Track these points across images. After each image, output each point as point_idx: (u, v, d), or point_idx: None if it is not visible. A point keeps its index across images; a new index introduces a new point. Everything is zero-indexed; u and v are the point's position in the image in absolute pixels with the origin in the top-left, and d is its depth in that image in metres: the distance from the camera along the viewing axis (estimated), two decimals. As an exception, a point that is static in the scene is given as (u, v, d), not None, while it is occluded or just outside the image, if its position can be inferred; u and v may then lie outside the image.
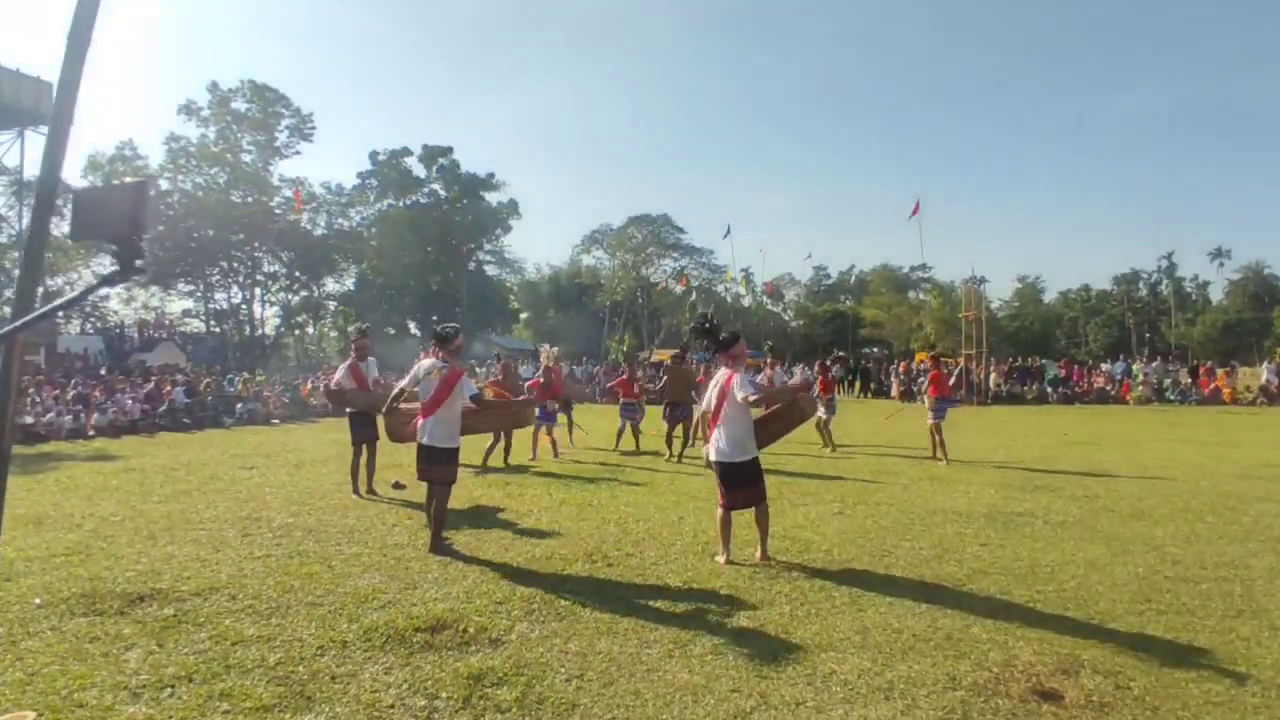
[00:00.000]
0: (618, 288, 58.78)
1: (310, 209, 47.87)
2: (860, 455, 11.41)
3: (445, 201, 52.43)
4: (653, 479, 9.15)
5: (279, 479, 9.25)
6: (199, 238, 42.51)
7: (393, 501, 7.65)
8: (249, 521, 6.67)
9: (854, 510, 7.20)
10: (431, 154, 51.64)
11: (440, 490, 5.67)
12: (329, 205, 49.37)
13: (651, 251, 59.88)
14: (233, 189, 44.27)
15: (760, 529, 5.37)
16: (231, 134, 44.14)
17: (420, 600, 4.48)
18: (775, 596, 4.58)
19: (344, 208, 50.20)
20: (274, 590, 4.65)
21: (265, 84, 44.28)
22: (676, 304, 59.89)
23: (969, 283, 28.63)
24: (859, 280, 69.31)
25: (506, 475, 9.28)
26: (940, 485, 8.62)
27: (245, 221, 42.57)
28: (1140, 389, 24.86)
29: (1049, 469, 9.93)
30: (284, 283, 49.39)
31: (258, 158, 45.23)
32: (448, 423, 5.69)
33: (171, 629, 4.02)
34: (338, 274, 51.25)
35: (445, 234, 51.05)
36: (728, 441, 5.22)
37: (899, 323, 52.46)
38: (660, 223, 59.19)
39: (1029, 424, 17.26)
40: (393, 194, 51.48)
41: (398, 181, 50.78)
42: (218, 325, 46.78)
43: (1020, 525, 6.53)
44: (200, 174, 43.81)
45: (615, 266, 60.81)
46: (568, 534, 6.22)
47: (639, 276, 59.60)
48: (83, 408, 16.31)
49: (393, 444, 7.84)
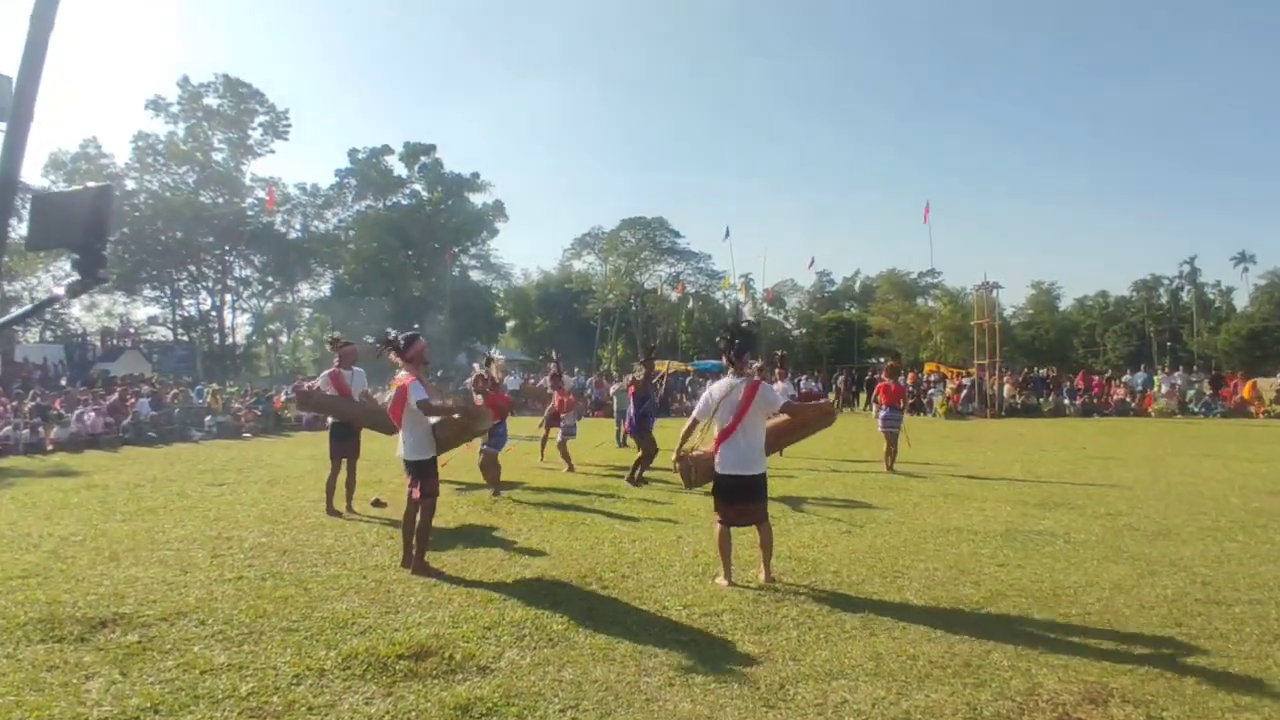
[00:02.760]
0: (610, 294, 58.83)
1: (284, 210, 47.93)
2: (868, 471, 11.40)
3: (428, 203, 52.52)
4: (649, 496, 9.12)
5: (251, 496, 9.19)
6: (166, 240, 42.48)
7: (373, 520, 7.60)
8: (219, 541, 6.62)
9: (863, 529, 7.18)
10: (413, 152, 51.77)
11: (422, 505, 5.64)
12: (304, 206, 49.44)
13: (646, 256, 59.98)
14: (203, 189, 44.29)
15: (763, 549, 5.34)
16: (202, 131, 44.20)
17: (403, 625, 4.44)
18: (781, 620, 4.55)
19: (320, 209, 50.26)
20: (246, 615, 4.60)
21: (239, 79, 44.36)
22: (672, 311, 60.04)
23: (981, 289, 28.64)
24: (865, 286, 69.57)
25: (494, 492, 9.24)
26: (954, 502, 8.62)
27: (216, 223, 42.60)
28: (1163, 400, 24.97)
29: (1068, 485, 9.93)
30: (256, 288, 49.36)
31: (230, 156, 45.29)
32: (415, 433, 5.72)
33: (136, 656, 3.97)
34: (313, 279, 51.26)
35: (428, 237, 51.11)
36: (744, 453, 5.22)
37: (907, 331, 52.61)
38: (655, 226, 59.39)
39: (1046, 437, 17.30)
40: (372, 194, 51.55)
41: (378, 181, 50.87)
42: (186, 333, 46.65)
43: (1040, 544, 6.52)
44: (168, 173, 43.85)
45: (607, 272, 60.90)
46: (560, 554, 6.19)
47: (633, 282, 59.68)
48: (41, 420, 16.20)
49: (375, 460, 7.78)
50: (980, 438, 17.40)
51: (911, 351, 52.40)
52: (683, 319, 60.18)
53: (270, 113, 45.43)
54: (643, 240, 59.44)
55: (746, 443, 5.23)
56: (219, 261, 45.96)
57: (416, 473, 5.70)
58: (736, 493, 5.25)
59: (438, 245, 50.67)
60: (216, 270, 46.33)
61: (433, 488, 5.75)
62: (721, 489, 5.31)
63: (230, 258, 46.15)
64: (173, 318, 46.89)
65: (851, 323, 59.88)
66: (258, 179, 46.24)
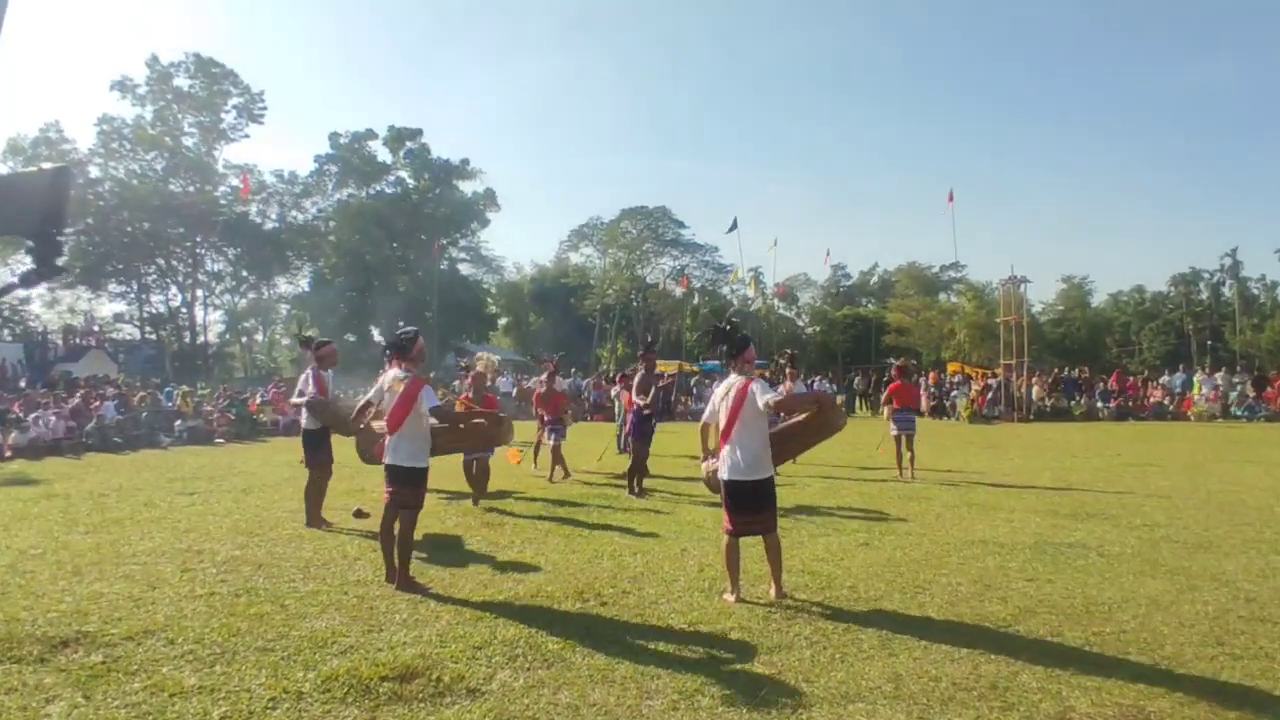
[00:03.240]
0: (609, 289, 58.93)
1: (260, 199, 48.00)
2: (886, 480, 11.40)
3: (414, 191, 52.59)
4: (651, 505, 9.14)
5: (224, 506, 9.19)
6: (133, 232, 42.52)
7: (354, 533, 7.60)
8: (189, 555, 6.62)
9: (881, 541, 7.18)
10: (399, 136, 51.84)
11: (404, 516, 5.65)
12: (281, 195, 49.52)
13: (648, 248, 60.07)
14: (172, 176, 44.36)
15: (772, 562, 5.35)
16: (171, 114, 44.27)
17: (387, 645, 4.44)
18: (794, 639, 4.55)
19: (298, 198, 50.34)
20: (218, 633, 4.60)
21: (211, 58, 44.41)
22: (676, 307, 60.06)
23: (1008, 283, 28.62)
24: (883, 281, 69.56)
25: (484, 501, 9.24)
26: (979, 513, 8.62)
27: (186, 213, 42.65)
28: (1203, 403, 24.96)
29: (1101, 494, 9.93)
30: (229, 283, 49.44)
31: (201, 141, 45.38)
32: (414, 439, 5.69)
33: (100, 678, 3.97)
34: (291, 273, 51.34)
35: (414, 228, 51.17)
36: (742, 457, 5.24)
37: (928, 329, 52.60)
38: (657, 216, 59.44)
39: (1077, 443, 17.30)
40: (354, 182, 51.62)
41: (360, 168, 50.94)
42: (154, 331, 46.71)
43: (1071, 557, 6.52)
44: (135, 159, 43.91)
45: (607, 265, 60.98)
46: (555, 568, 6.19)
47: (633, 277, 59.76)
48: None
49: (357, 468, 7.79)
50: (1007, 443, 17.40)
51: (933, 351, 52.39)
52: (687, 316, 60.18)
53: (244, 94, 45.54)
54: (644, 231, 59.52)
55: (744, 445, 5.24)
56: (189, 254, 46.03)
57: (411, 482, 5.68)
58: (744, 501, 5.27)
59: (425, 237, 50.75)
60: (187, 264, 46.42)
61: (420, 499, 5.76)
62: (729, 496, 5.32)
63: (201, 250, 46.22)
64: (140, 315, 46.98)
65: (868, 320, 59.86)
66: (231, 166, 46.39)
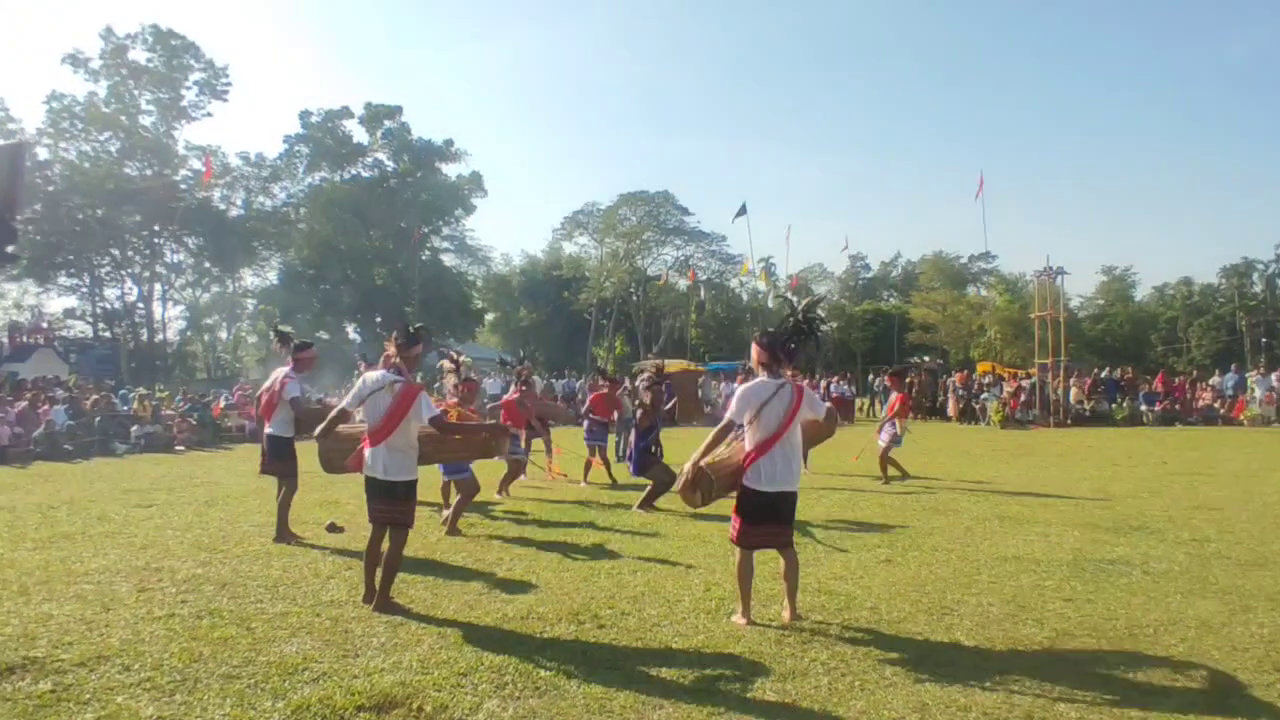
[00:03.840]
0: (606, 282, 58.96)
1: (224, 184, 48.02)
2: (909, 490, 11.40)
3: (393, 174, 52.65)
4: (653, 519, 9.14)
5: (185, 520, 9.19)
6: (85, 219, 42.49)
7: (327, 548, 7.60)
8: (147, 573, 6.61)
9: (905, 557, 7.19)
10: (376, 115, 51.89)
11: (395, 534, 5.63)
12: (247, 179, 49.55)
13: (649, 237, 60.13)
14: (128, 159, 44.35)
15: (788, 580, 5.35)
16: (127, 91, 44.26)
17: (363, 671, 4.43)
18: (810, 666, 4.55)
19: (266, 182, 50.38)
20: (178, 659, 4.59)
21: (171, 29, 44.42)
22: (680, 302, 60.11)
23: (1043, 275, 28.64)
24: (906, 272, 69.75)
25: (469, 515, 9.24)
26: (1012, 526, 8.63)
27: (143, 199, 42.61)
28: (1257, 406, 24.96)
29: (1146, 505, 9.94)
30: (190, 276, 49.46)
31: (159, 120, 45.38)
32: (404, 451, 5.64)
33: (49, 708, 3.96)
34: (257, 265, 51.38)
35: (392, 215, 51.21)
36: (787, 466, 5.29)
37: (956, 325, 52.72)
38: (659, 201, 59.53)
39: (1119, 450, 17.30)
40: (327, 165, 51.67)
41: (334, 149, 50.98)
42: (108, 328, 46.72)
43: (1113, 576, 6.53)
44: (88, 140, 43.89)
45: (604, 256, 61.04)
46: (547, 587, 6.19)
47: (633, 268, 59.81)
48: (-62, 431, 16.22)
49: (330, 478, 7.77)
50: (1042, 450, 17.41)
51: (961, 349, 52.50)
52: (692, 311, 60.27)
53: (207, 69, 45.58)
54: (645, 219, 59.57)
55: (791, 453, 5.32)
56: (146, 244, 46.05)
57: (403, 497, 5.64)
58: (771, 513, 5.27)
59: (404, 224, 50.81)
60: (144, 254, 46.42)
61: (411, 515, 5.72)
62: (754, 509, 5.28)
63: (160, 239, 46.23)
64: (93, 310, 47.03)
65: (890, 315, 59.99)
66: (192, 147, 46.38)
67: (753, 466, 5.26)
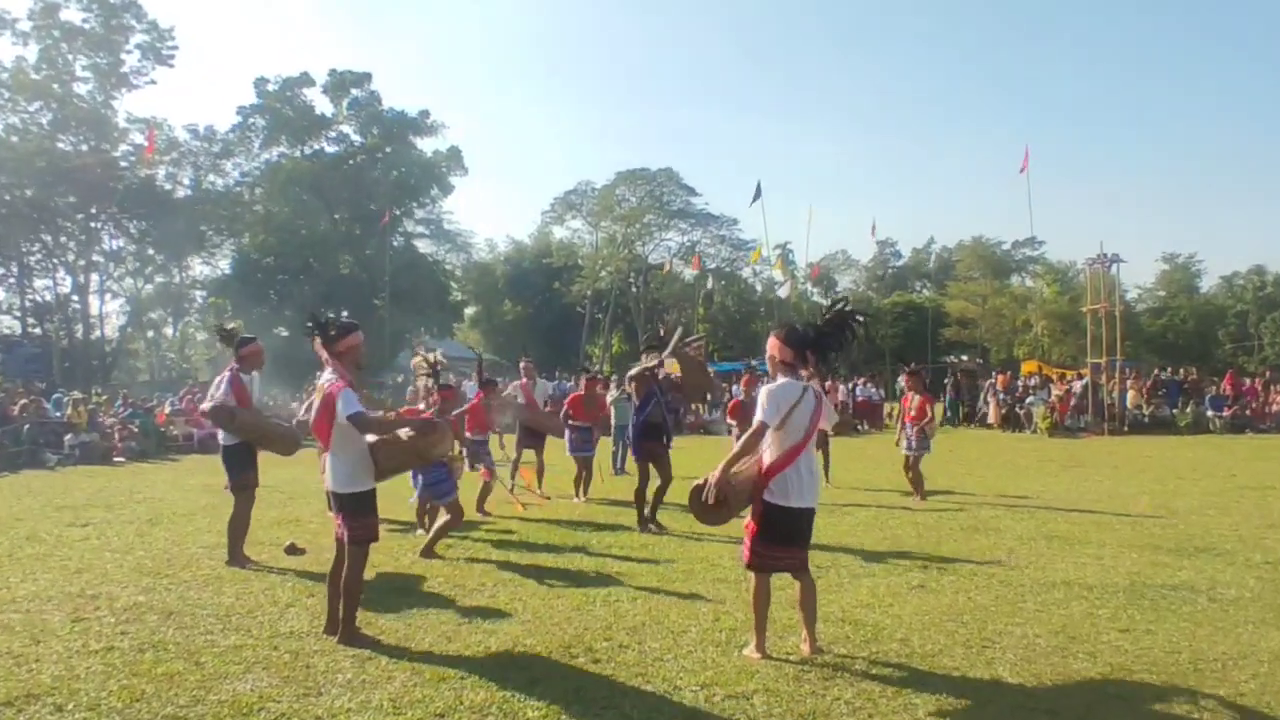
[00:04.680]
0: (603, 271, 58.99)
1: (169, 160, 47.93)
2: (945, 507, 11.40)
3: (361, 150, 52.63)
4: (655, 540, 9.14)
5: (125, 540, 9.19)
6: (12, 200, 42.44)
7: (286, 572, 7.60)
8: (82, 600, 6.61)
9: (939, 582, 7.19)
10: (341, 83, 51.88)
11: (351, 553, 5.63)
12: (196, 155, 49.45)
13: (650, 221, 60.21)
14: (61, 132, 44.29)
15: (806, 609, 5.35)
16: (60, 55, 44.20)
17: (327, 712, 4.43)
18: (832, 705, 4.55)
19: (217, 159, 50.33)
20: (118, 698, 4.59)
21: (109, -16, 44.29)
22: (686, 294, 60.11)
23: (1096, 264, 28.63)
24: (941, 260, 69.76)
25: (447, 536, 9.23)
26: (1060, 547, 8.64)
27: (78, 178, 42.50)
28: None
29: (1213, 524, 9.95)
30: (132, 264, 49.37)
31: (97, 88, 45.32)
32: (346, 458, 5.68)
33: (-29, 754, 3.97)
34: (208, 252, 51.30)
35: (360, 195, 51.19)
36: (813, 477, 5.33)
37: (997, 320, 52.79)
38: (662, 180, 59.61)
39: (1183, 461, 17.30)
40: (286, 139, 51.67)
41: (294, 122, 50.98)
42: (38, 324, 46.68)
43: (1175, 603, 6.52)
44: (15, 111, 43.84)
45: (599, 242, 61.08)
46: (536, 617, 6.18)
47: (632, 256, 59.84)
48: None
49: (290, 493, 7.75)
50: (1095, 461, 17.41)
51: (1003, 347, 52.52)
52: (700, 304, 60.27)
53: (150, 30, 45.49)
54: (646, 200, 59.64)
55: (813, 465, 5.36)
56: (82, 229, 45.95)
57: (352, 509, 5.66)
58: (795, 532, 5.26)
59: (374, 206, 50.73)
60: (79, 240, 46.34)
61: (368, 530, 5.73)
62: (777, 528, 5.23)
63: (97, 223, 46.16)
64: (21, 304, 46.98)
65: (923, 309, 60.01)
66: (134, 119, 46.33)
67: (777, 478, 5.15)
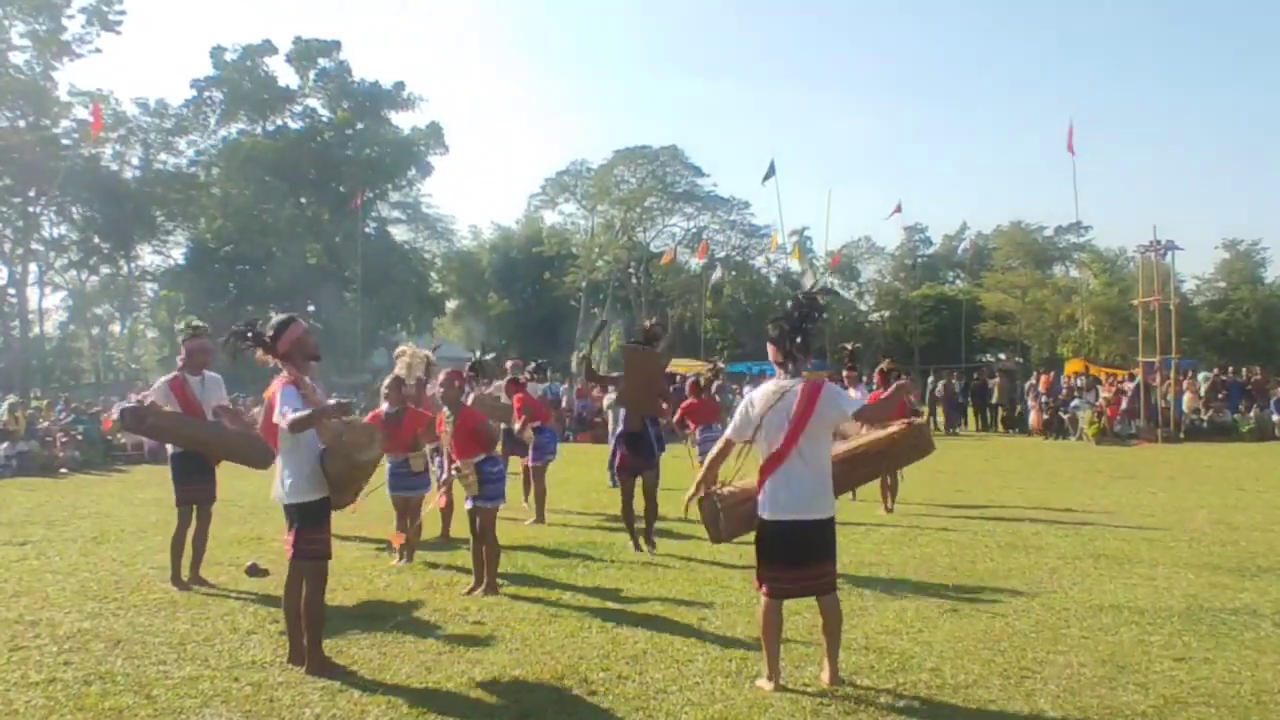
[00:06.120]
0: (599, 260, 58.91)
1: (117, 137, 47.95)
2: (982, 516, 11.40)
3: (329, 126, 52.63)
4: (657, 560, 9.15)
5: (68, 561, 9.20)
6: (-59, 183, 42.45)
7: (246, 596, 7.61)
8: (21, 627, 6.62)
9: (973, 606, 7.18)
10: (308, 51, 51.88)
11: (307, 570, 5.63)
12: (146, 132, 49.45)
13: (652, 204, 60.05)
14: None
15: (829, 635, 5.34)
16: (-7, 21, 44.17)
17: (293, 750, 4.44)
18: (854, 742, 4.55)
19: (169, 136, 50.33)
20: (61, 735, 4.59)
21: (48, -58, 44.28)
22: (692, 286, 60.01)
23: (1148, 251, 28.56)
24: (976, 248, 69.47)
25: (430, 553, 9.25)
26: (1109, 567, 8.63)
27: (14, 157, 42.55)
28: None
29: (1278, 541, 9.93)
30: (75, 254, 49.40)
31: (36, 58, 45.30)
32: (291, 465, 5.70)
33: (-102, 797, 3.97)
34: (159, 240, 51.29)
35: (328, 176, 51.21)
36: (803, 488, 5.22)
37: (1039, 314, 52.59)
38: (665, 159, 59.40)
39: (1245, 471, 17.27)
40: (246, 114, 51.68)
41: (254, 95, 50.97)
42: (-30, 320, 46.66)
43: (1235, 629, 6.52)
44: (-56, 84, 43.81)
45: (595, 228, 61.00)
46: (525, 644, 6.19)
47: (632, 243, 59.74)
48: None
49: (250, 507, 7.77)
50: (1147, 471, 17.38)
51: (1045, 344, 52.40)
52: (708, 297, 60.19)
53: (95, -8, 45.49)
54: (648, 180, 59.50)
55: (807, 472, 5.22)
56: (19, 214, 45.97)
57: (299, 521, 5.68)
58: (794, 549, 5.24)
59: (344, 189, 50.73)
60: (16, 227, 46.36)
61: (319, 545, 5.73)
62: (771, 544, 5.28)
63: (36, 208, 46.20)
64: (-49, 298, 47.00)
65: (956, 301, 59.78)
66: (77, 92, 46.27)
67: (763, 490, 5.27)
